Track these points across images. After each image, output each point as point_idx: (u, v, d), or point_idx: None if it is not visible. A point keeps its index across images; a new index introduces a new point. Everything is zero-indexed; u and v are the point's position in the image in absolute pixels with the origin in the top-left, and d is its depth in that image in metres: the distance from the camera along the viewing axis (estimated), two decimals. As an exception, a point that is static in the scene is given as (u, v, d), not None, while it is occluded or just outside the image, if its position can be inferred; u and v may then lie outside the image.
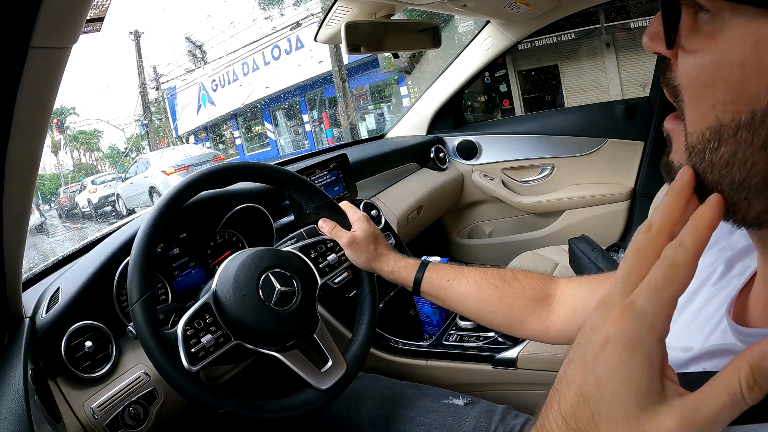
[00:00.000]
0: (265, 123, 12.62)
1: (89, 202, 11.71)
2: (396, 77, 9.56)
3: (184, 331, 0.60)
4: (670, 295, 0.24)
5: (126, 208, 10.18)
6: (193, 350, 0.59)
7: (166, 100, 14.44)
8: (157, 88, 14.26)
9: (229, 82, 12.48)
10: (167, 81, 14.13)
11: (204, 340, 0.60)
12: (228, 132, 13.85)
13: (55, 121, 15.12)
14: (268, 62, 11.36)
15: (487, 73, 6.82)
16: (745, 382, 0.21)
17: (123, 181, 10.78)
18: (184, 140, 14.11)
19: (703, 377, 0.30)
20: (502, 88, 6.94)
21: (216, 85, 12.86)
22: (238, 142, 13.49)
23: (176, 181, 1.58)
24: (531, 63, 6.89)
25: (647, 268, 0.25)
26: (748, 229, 0.29)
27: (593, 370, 0.25)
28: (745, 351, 0.22)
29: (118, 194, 10.74)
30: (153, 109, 14.19)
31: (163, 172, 8.79)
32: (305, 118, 11.83)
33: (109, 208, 11.31)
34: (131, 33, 13.30)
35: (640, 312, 0.24)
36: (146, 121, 13.99)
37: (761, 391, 0.21)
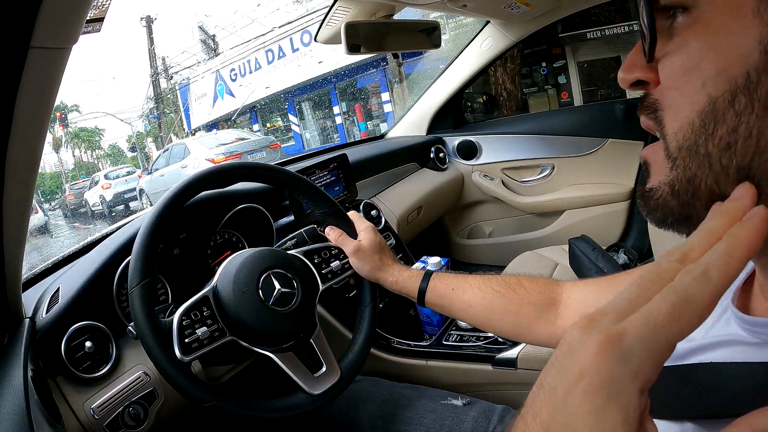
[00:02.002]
0: (290, 115, 11.27)
1: (102, 199, 10.31)
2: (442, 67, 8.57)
3: (180, 320, 0.60)
4: (671, 337, 0.20)
5: (151, 204, 8.14)
6: (186, 340, 0.59)
7: (178, 91, 13.27)
8: (171, 78, 13.15)
9: (251, 71, 11.03)
10: (180, 70, 13.03)
11: (199, 332, 0.61)
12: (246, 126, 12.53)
13: (58, 114, 14.56)
14: (297, 48, 9.98)
15: (543, 63, 6.50)
16: None
17: (149, 173, 9.02)
18: (192, 135, 12.93)
19: (704, 368, 0.30)
20: (561, 79, 6.56)
21: (235, 74, 11.42)
22: (258, 135, 11.75)
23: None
24: (592, 54, 6.47)
25: None
26: None
27: (563, 408, 0.21)
28: (748, 416, 0.20)
29: (141, 189, 9.08)
30: (161, 101, 13.27)
31: (210, 160, 7.27)
32: (336, 110, 10.44)
33: (122, 207, 9.88)
34: (143, 18, 12.47)
35: (626, 351, 0.20)
36: (158, 113, 13.04)
37: None
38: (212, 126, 12.29)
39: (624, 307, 0.21)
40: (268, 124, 12.24)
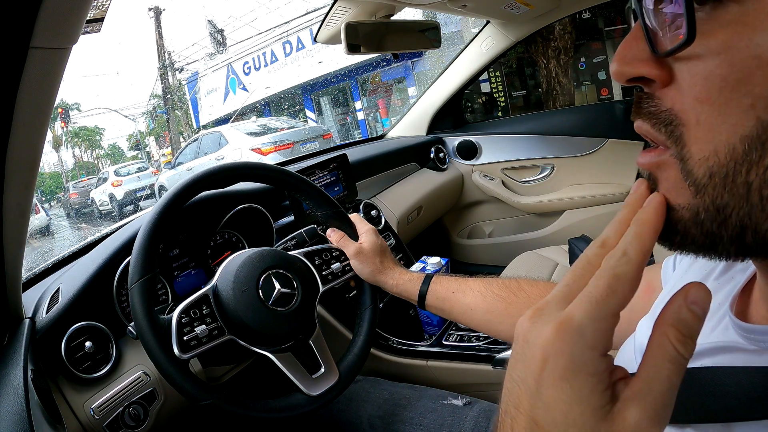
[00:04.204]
0: (306, 111, 10.52)
1: (111, 197, 9.41)
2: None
3: (179, 318, 0.60)
4: (611, 309, 0.22)
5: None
6: (185, 338, 0.60)
7: (186, 86, 12.67)
8: (180, 71, 12.40)
9: (266, 64, 10.27)
10: (191, 63, 12.32)
11: (198, 330, 0.61)
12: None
13: (60, 110, 14.25)
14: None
15: (582, 58, 6.46)
16: (678, 342, 0.22)
17: (171, 167, 7.98)
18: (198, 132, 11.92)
19: (702, 372, 0.30)
20: (601, 75, 6.31)
21: (249, 67, 10.64)
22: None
23: (277, 160, 1.50)
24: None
25: None
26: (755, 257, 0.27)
27: (538, 393, 0.23)
28: (663, 316, 0.23)
29: (162, 185, 8.15)
30: (170, 96, 12.58)
31: (256, 150, 6.36)
32: (357, 105, 9.64)
33: (133, 207, 8.92)
34: (150, 10, 11.97)
35: (578, 328, 0.22)
36: (167, 108, 12.45)
37: (693, 342, 0.22)
38: (222, 123, 11.27)
39: (564, 293, 0.24)
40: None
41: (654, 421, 0.22)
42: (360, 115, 9.77)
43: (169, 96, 12.56)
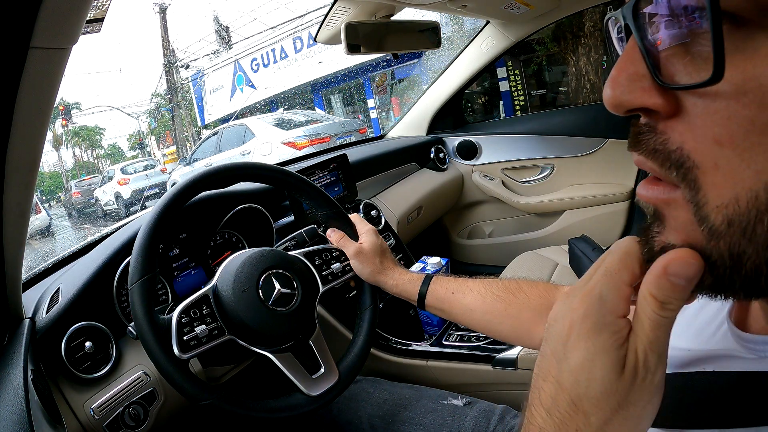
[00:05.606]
0: (316, 109, 9.94)
1: (117, 196, 8.90)
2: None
3: (179, 318, 0.60)
4: (626, 278, 0.25)
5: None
6: (185, 338, 0.60)
7: (190, 83, 12.45)
8: (187, 67, 12.16)
9: (275, 60, 10.02)
10: (198, 59, 12.11)
11: (198, 329, 0.61)
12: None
13: (61, 108, 13.94)
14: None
15: (605, 58, 6.55)
16: (656, 306, 0.24)
17: (187, 163, 7.33)
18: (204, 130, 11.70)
19: (704, 376, 0.30)
20: None
21: (257, 64, 10.36)
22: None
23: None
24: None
25: None
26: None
27: (565, 357, 0.26)
28: (645, 281, 0.24)
29: (175, 183, 6.01)
30: (170, 95, 12.43)
31: (289, 144, 5.88)
32: (370, 103, 9.24)
33: (141, 207, 8.11)
34: (156, 5, 11.85)
35: (599, 296, 0.26)
36: (172, 105, 12.32)
37: (675, 303, 0.24)
38: (223, 122, 10.84)
39: (587, 277, 0.27)
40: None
41: (646, 366, 0.24)
42: (373, 114, 9.48)
43: (170, 96, 12.50)
